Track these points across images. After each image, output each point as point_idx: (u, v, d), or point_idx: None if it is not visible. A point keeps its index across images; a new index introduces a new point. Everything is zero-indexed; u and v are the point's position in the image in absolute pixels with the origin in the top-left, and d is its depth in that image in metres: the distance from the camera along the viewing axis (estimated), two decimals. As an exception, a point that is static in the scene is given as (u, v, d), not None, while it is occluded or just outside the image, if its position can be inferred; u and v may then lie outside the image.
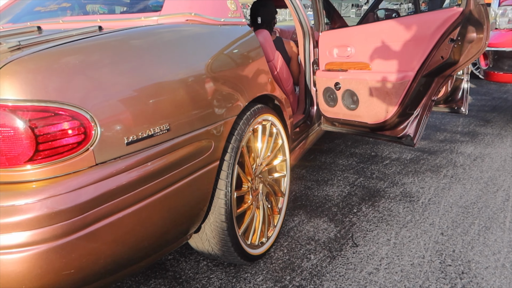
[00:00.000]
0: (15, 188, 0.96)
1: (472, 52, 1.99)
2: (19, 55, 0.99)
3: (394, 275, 1.67)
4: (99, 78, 1.08)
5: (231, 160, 1.51)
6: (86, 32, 1.26)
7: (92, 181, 1.02)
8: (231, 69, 1.55)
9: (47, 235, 0.95)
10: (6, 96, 0.94)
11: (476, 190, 2.38)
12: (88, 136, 1.02)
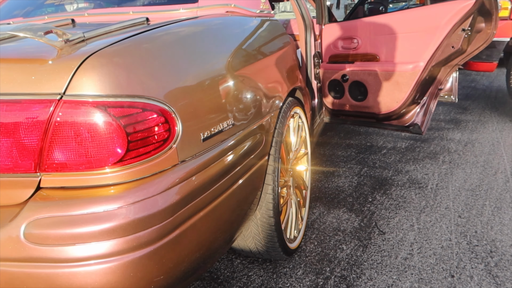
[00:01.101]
0: (102, 193, 0.88)
1: (479, 41, 2.08)
2: (99, 48, 0.91)
3: (429, 259, 1.72)
4: (176, 71, 1.02)
5: (276, 154, 1.49)
6: (137, 24, 1.18)
7: (177, 180, 0.96)
8: (275, 61, 1.53)
9: (143, 240, 0.89)
10: (93, 92, 0.86)
11: (476, 173, 2.51)
12: (172, 133, 0.96)
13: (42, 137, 0.88)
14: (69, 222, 0.86)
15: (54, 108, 0.86)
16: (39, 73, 0.88)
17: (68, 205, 0.88)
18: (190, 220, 1.00)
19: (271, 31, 1.62)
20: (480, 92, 4.64)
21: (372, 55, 2.34)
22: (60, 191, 0.90)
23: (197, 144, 1.03)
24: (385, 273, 1.64)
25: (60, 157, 0.89)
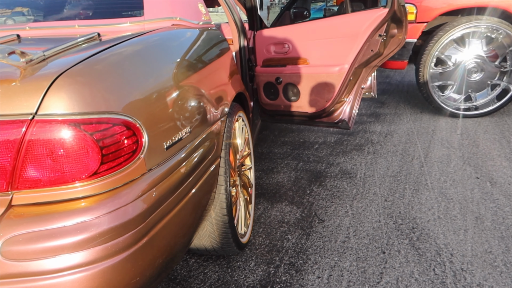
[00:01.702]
0: (79, 205, 0.94)
1: (393, 45, 2.37)
2: (66, 68, 0.95)
3: (363, 239, 1.95)
4: (138, 85, 1.09)
5: (226, 157, 1.60)
6: (89, 40, 1.23)
7: (146, 188, 1.04)
8: (221, 69, 1.64)
9: (120, 246, 0.95)
10: (64, 111, 0.91)
11: (396, 161, 2.83)
12: (140, 144, 1.03)
13: (15, 157, 0.91)
14: (48, 236, 0.90)
15: (26, 128, 0.90)
16: (8, 94, 0.91)
17: (45, 220, 0.92)
18: (160, 224, 1.09)
19: (213, 39, 1.72)
20: (394, 87, 5.14)
21: (302, 59, 2.54)
22: (34, 207, 0.94)
23: (161, 153, 1.12)
24: (328, 256, 1.84)
25: (34, 174, 0.92)
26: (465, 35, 3.48)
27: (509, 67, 3.46)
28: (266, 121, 2.89)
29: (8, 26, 1.61)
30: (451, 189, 2.36)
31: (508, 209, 2.10)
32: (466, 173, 2.55)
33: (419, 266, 1.73)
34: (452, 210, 2.14)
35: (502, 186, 2.36)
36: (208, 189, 1.44)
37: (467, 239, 1.88)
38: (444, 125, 3.51)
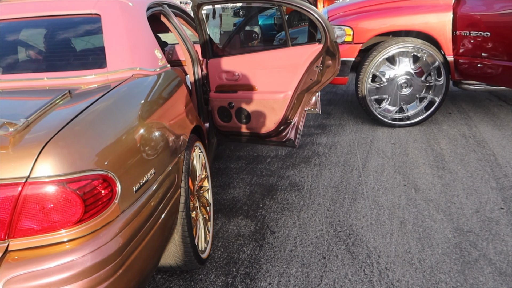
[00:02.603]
0: (66, 247, 1.16)
1: (329, 74, 2.71)
2: (50, 136, 1.17)
3: (308, 247, 2.26)
4: (109, 141, 1.32)
5: (186, 186, 1.85)
6: (62, 98, 1.44)
7: (121, 227, 1.28)
8: (177, 109, 1.88)
9: (102, 277, 1.19)
10: (52, 173, 1.13)
11: (338, 172, 3.19)
12: (114, 192, 1.27)
13: (11, 212, 1.12)
14: (42, 275, 1.12)
15: (21, 189, 1.11)
16: (3, 162, 1.11)
17: (38, 262, 1.14)
18: (134, 254, 1.33)
19: (171, 85, 1.96)
20: (339, 97, 5.56)
21: (251, 86, 2.83)
22: (28, 251, 1.15)
23: (131, 195, 1.35)
24: (277, 264, 2.13)
25: (28, 225, 1.14)
26: (395, 55, 3.92)
27: (433, 82, 3.94)
28: (221, 140, 3.15)
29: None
30: (382, 197, 2.74)
31: (427, 213, 2.50)
32: (396, 181, 2.95)
33: (353, 268, 2.06)
34: (382, 216, 2.51)
35: (424, 192, 2.77)
36: (172, 217, 1.69)
37: (392, 242, 2.24)
38: (381, 135, 3.93)
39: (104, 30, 1.91)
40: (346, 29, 4.01)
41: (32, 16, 2.03)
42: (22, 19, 2.05)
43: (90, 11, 2.03)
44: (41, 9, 2.05)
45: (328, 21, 3.65)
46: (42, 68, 1.82)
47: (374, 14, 4.05)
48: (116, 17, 1.98)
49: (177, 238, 1.83)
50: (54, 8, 2.05)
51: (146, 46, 1.95)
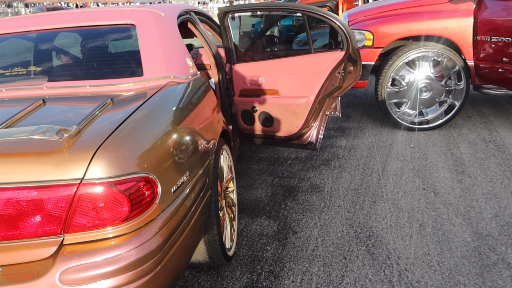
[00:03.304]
0: (114, 242, 1.28)
1: (351, 79, 2.79)
2: (101, 142, 1.30)
3: (329, 247, 2.35)
4: (150, 146, 1.44)
5: (215, 187, 1.97)
6: (105, 105, 1.57)
7: (161, 225, 1.39)
8: (208, 114, 2.00)
9: (146, 270, 1.31)
10: (104, 175, 1.25)
11: (358, 175, 3.26)
12: (156, 193, 1.38)
13: (67, 209, 1.25)
14: (93, 266, 1.25)
15: (76, 189, 1.24)
16: (59, 162, 1.24)
17: (90, 255, 1.26)
18: (171, 250, 1.44)
19: (202, 91, 2.08)
20: (358, 100, 5.61)
21: (274, 91, 2.93)
22: (80, 245, 1.28)
23: (170, 196, 1.47)
24: (300, 263, 2.23)
25: (81, 222, 1.26)
26: (415, 59, 3.97)
27: (453, 86, 3.97)
28: (244, 142, 3.26)
29: (25, 85, 1.91)
30: (402, 200, 2.80)
31: (446, 217, 2.56)
32: (415, 185, 3.01)
33: (373, 268, 2.14)
34: (401, 219, 2.58)
35: (443, 195, 2.82)
36: (203, 216, 1.80)
37: (411, 244, 2.31)
38: (400, 138, 3.98)
39: (140, 40, 2.04)
40: (366, 34, 4.07)
41: (73, 26, 2.17)
42: (64, 29, 2.19)
43: (126, 21, 2.16)
44: (81, 20, 2.19)
45: (349, 27, 3.73)
46: (83, 76, 1.96)
47: (394, 19, 4.10)
48: (150, 27, 2.10)
49: (206, 236, 1.94)
50: (93, 19, 2.19)
51: (178, 55, 2.07)
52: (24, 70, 2.02)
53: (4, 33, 2.26)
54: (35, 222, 1.25)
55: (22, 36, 2.32)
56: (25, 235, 1.26)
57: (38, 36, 2.29)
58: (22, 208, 1.24)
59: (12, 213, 1.24)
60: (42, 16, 2.32)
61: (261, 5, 2.82)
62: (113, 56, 2.16)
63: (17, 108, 1.61)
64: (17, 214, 1.24)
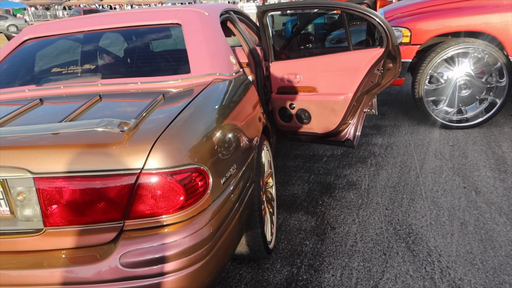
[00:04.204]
0: (169, 229, 1.36)
1: (390, 77, 2.78)
2: (158, 134, 1.37)
3: (368, 243, 2.36)
4: (201, 139, 1.51)
5: (258, 181, 2.02)
6: (158, 101, 1.65)
7: (212, 215, 1.46)
8: (251, 110, 2.06)
9: (198, 257, 1.37)
10: (162, 165, 1.33)
11: (396, 172, 3.24)
12: (207, 183, 1.45)
13: (128, 198, 1.33)
14: (151, 251, 1.32)
15: (137, 179, 1.32)
16: (120, 153, 1.32)
17: (147, 240, 1.34)
18: (221, 239, 1.50)
19: (244, 88, 2.14)
20: (393, 97, 5.54)
21: (312, 88, 2.96)
22: (139, 231, 1.36)
23: (219, 187, 1.53)
24: (339, 258, 2.25)
25: (140, 209, 1.34)
26: (454, 55, 3.89)
27: (494, 83, 3.87)
28: (280, 139, 3.30)
29: (81, 82, 2.02)
30: (441, 198, 2.77)
31: (488, 216, 2.51)
32: (455, 183, 2.96)
33: (413, 265, 2.14)
34: (441, 217, 2.55)
35: (485, 194, 2.77)
36: (247, 209, 1.86)
37: (453, 242, 2.29)
38: (438, 136, 3.92)
39: (186, 38, 2.12)
40: (403, 31, 4.03)
41: (122, 26, 2.28)
42: (114, 29, 2.30)
43: (172, 21, 2.24)
44: (130, 21, 2.29)
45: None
46: (134, 73, 2.05)
47: (433, 15, 4.03)
48: (196, 26, 2.18)
49: (249, 229, 2.00)
50: (140, 19, 2.29)
51: (223, 52, 2.14)
52: (79, 68, 2.14)
53: (58, 34, 2.39)
54: (98, 209, 1.34)
55: (74, 37, 2.45)
56: (89, 220, 1.36)
57: (90, 36, 2.42)
58: (87, 195, 1.33)
59: (78, 200, 1.34)
60: (92, 18, 2.44)
61: (300, 3, 2.85)
62: (161, 54, 2.25)
63: (76, 103, 1.72)
64: (83, 201, 1.34)
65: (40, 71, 2.19)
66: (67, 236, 1.38)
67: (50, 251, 1.40)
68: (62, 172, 1.32)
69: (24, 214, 1.38)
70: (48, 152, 1.34)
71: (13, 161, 1.34)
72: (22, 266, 1.36)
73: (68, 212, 1.35)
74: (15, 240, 1.41)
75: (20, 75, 2.18)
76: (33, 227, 1.38)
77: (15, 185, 1.35)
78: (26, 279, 1.34)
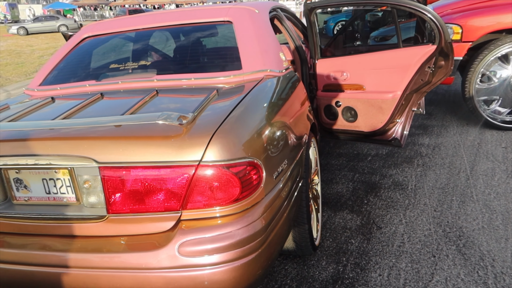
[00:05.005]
0: (224, 221, 1.40)
1: (441, 74, 2.70)
2: (215, 128, 1.41)
3: (416, 245, 2.31)
4: (255, 134, 1.53)
5: (306, 177, 2.03)
6: (212, 96, 1.69)
7: (265, 208, 1.49)
8: (301, 107, 2.07)
9: (251, 249, 1.40)
10: (219, 158, 1.37)
11: (444, 174, 3.15)
12: (261, 177, 1.48)
13: (186, 189, 1.38)
14: (206, 241, 1.37)
15: (195, 170, 1.36)
16: (180, 145, 1.37)
17: (203, 230, 1.38)
18: (272, 233, 1.53)
19: (294, 85, 2.16)
20: (440, 97, 5.36)
21: (359, 85, 2.92)
22: (195, 221, 1.41)
23: (272, 181, 1.56)
24: (386, 258, 2.22)
25: (197, 200, 1.39)
26: (509, 53, 3.71)
27: (554, 83, 3.66)
28: (324, 137, 3.29)
29: (137, 78, 2.11)
30: (494, 201, 2.66)
31: (547, 221, 2.40)
32: (509, 186, 2.83)
33: (465, 268, 2.08)
34: (495, 220, 2.45)
35: (543, 199, 2.63)
36: (296, 204, 1.87)
37: (507, 247, 2.20)
38: (490, 138, 3.76)
39: (237, 36, 2.16)
40: (454, 27, 3.89)
41: (175, 24, 2.35)
42: (167, 27, 2.38)
43: (223, 18, 2.29)
44: (182, 19, 2.36)
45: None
46: (188, 69, 2.12)
47: (486, 11, 3.87)
48: (247, 23, 2.21)
49: (297, 224, 2.02)
50: (192, 17, 2.36)
51: (273, 49, 2.16)
52: (135, 64, 2.24)
53: (114, 32, 2.50)
54: (158, 198, 1.40)
55: (128, 34, 2.56)
56: (148, 209, 1.42)
57: (144, 34, 2.51)
58: (148, 185, 1.39)
59: (139, 189, 1.40)
60: (146, 16, 2.53)
61: (351, 0, 2.83)
62: (212, 51, 2.31)
63: (135, 98, 1.79)
64: (144, 190, 1.40)
65: (99, 67, 2.30)
66: (128, 223, 1.45)
67: (111, 237, 1.47)
68: (125, 162, 1.39)
69: (89, 201, 1.46)
70: (112, 143, 1.41)
71: (80, 150, 1.42)
72: (86, 250, 1.44)
73: (130, 201, 1.42)
74: (80, 225, 1.49)
75: (80, 71, 2.30)
76: (97, 214, 1.46)
77: (81, 173, 1.44)
78: (90, 263, 1.42)
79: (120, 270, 1.39)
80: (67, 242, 1.49)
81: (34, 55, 14.59)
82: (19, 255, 1.49)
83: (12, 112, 1.84)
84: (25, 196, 1.54)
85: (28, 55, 14.81)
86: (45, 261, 1.46)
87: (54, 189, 1.50)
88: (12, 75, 10.66)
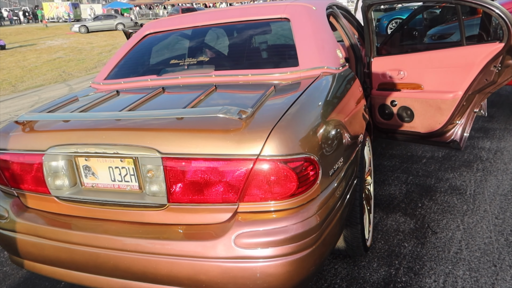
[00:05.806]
0: (279, 215, 1.41)
1: (508, 74, 2.55)
2: (274, 123, 1.43)
3: (475, 252, 2.20)
4: (312, 131, 1.53)
5: (361, 176, 2.00)
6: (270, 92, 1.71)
7: (320, 205, 1.48)
8: (357, 105, 2.04)
9: (306, 245, 1.41)
10: (276, 153, 1.38)
11: (507, 180, 2.97)
12: (317, 174, 1.48)
13: (244, 181, 1.41)
14: (262, 234, 1.39)
15: (253, 164, 1.39)
16: (240, 139, 1.40)
17: (259, 223, 1.40)
18: (327, 230, 1.52)
19: (351, 82, 2.13)
20: (504, 98, 5.06)
21: (417, 85, 2.82)
22: (251, 214, 1.43)
23: (327, 178, 1.55)
24: (442, 264, 2.14)
25: (254, 193, 1.42)
26: None
27: None
28: (378, 137, 3.21)
29: (196, 73, 2.17)
30: None
31: None
32: None
33: (530, 280, 1.95)
34: None
35: None
36: (349, 203, 1.85)
37: None
38: (560, 143, 3.50)
39: (294, 32, 2.16)
40: (523, 25, 3.64)
41: (233, 21, 2.40)
42: (224, 24, 2.43)
43: (281, 15, 2.30)
44: (240, 16, 2.40)
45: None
46: (245, 65, 2.15)
47: (560, 7, 3.60)
48: (304, 20, 2.21)
49: (350, 224, 1.99)
50: (250, 15, 2.39)
51: (330, 46, 2.14)
52: (194, 60, 2.31)
53: (174, 29, 2.59)
54: (216, 190, 1.44)
55: (187, 31, 2.63)
56: (207, 200, 1.47)
57: (202, 31, 2.58)
58: (208, 177, 1.44)
59: (199, 180, 1.45)
60: (204, 14, 2.60)
61: (411, -4, 2.74)
62: (269, 48, 2.33)
63: (195, 92, 1.85)
64: (203, 182, 1.45)
65: (159, 63, 2.39)
66: (187, 213, 1.50)
67: (170, 225, 1.53)
68: (186, 154, 1.44)
69: (151, 189, 1.53)
70: (175, 135, 1.47)
71: (145, 141, 1.49)
72: (147, 236, 1.52)
73: (190, 191, 1.47)
74: (141, 213, 1.57)
75: (142, 66, 2.41)
76: (158, 202, 1.53)
77: (145, 163, 1.51)
78: (150, 249, 1.49)
79: (179, 257, 1.45)
80: (129, 228, 1.57)
81: (93, 52, 15.41)
82: (85, 238, 1.59)
83: (81, 104, 1.96)
84: (93, 182, 1.64)
85: (88, 52, 15.67)
86: (109, 244, 1.54)
87: (119, 177, 1.59)
88: (74, 71, 11.33)
